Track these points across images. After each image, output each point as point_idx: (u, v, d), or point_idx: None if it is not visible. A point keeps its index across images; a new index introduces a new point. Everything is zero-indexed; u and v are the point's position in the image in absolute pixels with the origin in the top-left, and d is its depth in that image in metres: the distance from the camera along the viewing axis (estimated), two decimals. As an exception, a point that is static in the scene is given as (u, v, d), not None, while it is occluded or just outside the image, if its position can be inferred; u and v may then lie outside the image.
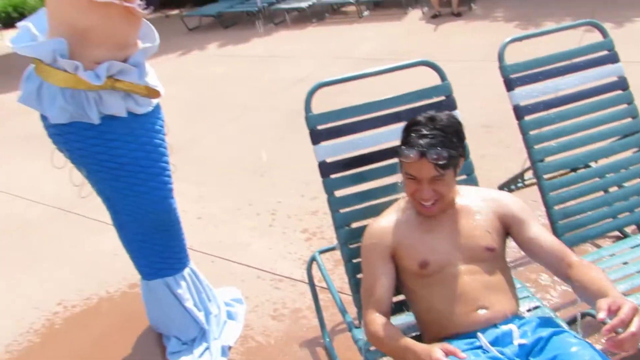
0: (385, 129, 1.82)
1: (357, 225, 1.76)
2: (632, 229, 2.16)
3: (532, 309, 1.60)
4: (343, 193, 1.78)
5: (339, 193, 1.78)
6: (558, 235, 1.86)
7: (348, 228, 1.76)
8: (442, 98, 1.87)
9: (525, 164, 2.21)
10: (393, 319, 1.64)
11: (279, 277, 2.57)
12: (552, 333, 1.30)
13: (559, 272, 1.40)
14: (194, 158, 3.97)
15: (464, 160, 1.55)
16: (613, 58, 2.07)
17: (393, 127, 1.80)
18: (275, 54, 6.76)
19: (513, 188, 2.64)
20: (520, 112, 1.97)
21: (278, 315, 2.33)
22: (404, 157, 1.41)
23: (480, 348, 1.31)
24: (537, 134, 1.97)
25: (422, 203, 1.45)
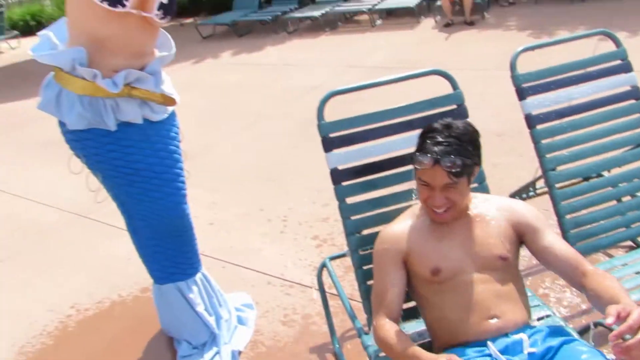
0: (397, 137, 1.83)
1: (367, 232, 1.77)
2: (645, 239, 2.15)
3: (542, 318, 1.59)
4: (354, 200, 1.80)
5: (350, 200, 1.79)
6: (569, 245, 1.85)
7: (359, 235, 1.77)
8: (453, 106, 1.88)
9: (537, 173, 2.21)
10: (405, 326, 1.65)
11: (290, 283, 2.58)
12: (562, 342, 1.30)
13: (574, 280, 1.39)
14: (208, 165, 4.01)
15: (479, 169, 1.53)
16: (626, 67, 2.06)
17: (405, 135, 1.81)
18: (289, 63, 6.81)
19: (524, 197, 2.63)
20: (532, 121, 1.97)
21: (288, 321, 2.34)
22: (418, 163, 1.41)
23: (490, 356, 1.31)
24: (549, 143, 1.97)
25: (434, 210, 1.44)
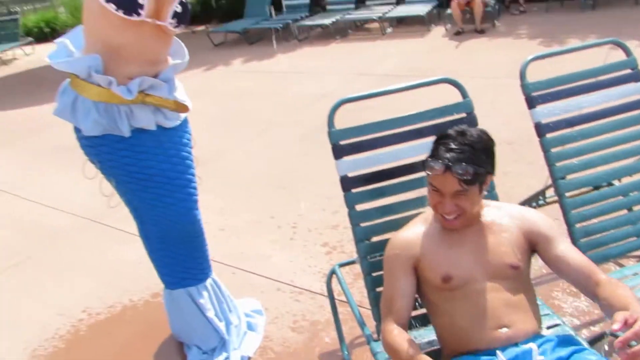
0: (407, 145, 1.84)
1: (377, 239, 1.78)
2: (657, 249, 2.12)
3: (552, 327, 1.59)
4: (364, 207, 1.81)
5: (360, 207, 1.80)
6: (581, 253, 1.85)
7: (368, 242, 1.78)
8: (463, 115, 1.89)
9: (547, 181, 2.20)
10: (415, 333, 1.65)
11: (299, 289, 2.59)
12: (572, 351, 1.29)
13: (587, 290, 1.38)
14: (219, 171, 4.04)
15: (492, 178, 1.52)
16: (636, 76, 2.05)
17: (414, 143, 1.82)
18: (300, 70, 6.85)
19: (534, 205, 2.62)
20: (542, 129, 1.97)
21: (297, 327, 2.34)
22: (429, 168, 1.40)
23: (499, 365, 1.31)
24: (558, 152, 1.97)
25: (444, 216, 1.44)
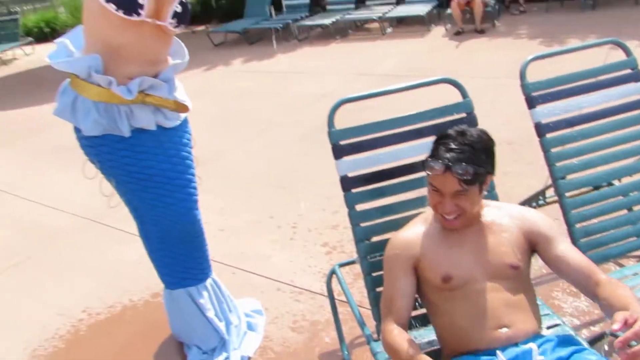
0: (407, 145, 1.84)
1: (377, 239, 1.78)
2: (656, 249, 2.13)
3: (552, 327, 1.59)
4: (364, 207, 1.81)
5: (360, 207, 1.80)
6: (580, 253, 1.85)
7: (368, 242, 1.78)
8: (463, 115, 1.89)
9: (547, 181, 2.20)
10: (415, 333, 1.65)
11: (299, 289, 2.59)
12: (572, 352, 1.29)
13: (587, 290, 1.38)
14: (219, 171, 4.04)
15: (492, 178, 1.52)
16: (636, 76, 2.05)
17: (414, 143, 1.82)
18: (300, 70, 6.85)
19: (534, 205, 2.62)
20: (542, 129, 1.97)
21: (297, 327, 2.35)
22: (429, 168, 1.40)
23: (499, 365, 1.31)
24: (558, 152, 1.97)
25: (444, 216, 1.44)
